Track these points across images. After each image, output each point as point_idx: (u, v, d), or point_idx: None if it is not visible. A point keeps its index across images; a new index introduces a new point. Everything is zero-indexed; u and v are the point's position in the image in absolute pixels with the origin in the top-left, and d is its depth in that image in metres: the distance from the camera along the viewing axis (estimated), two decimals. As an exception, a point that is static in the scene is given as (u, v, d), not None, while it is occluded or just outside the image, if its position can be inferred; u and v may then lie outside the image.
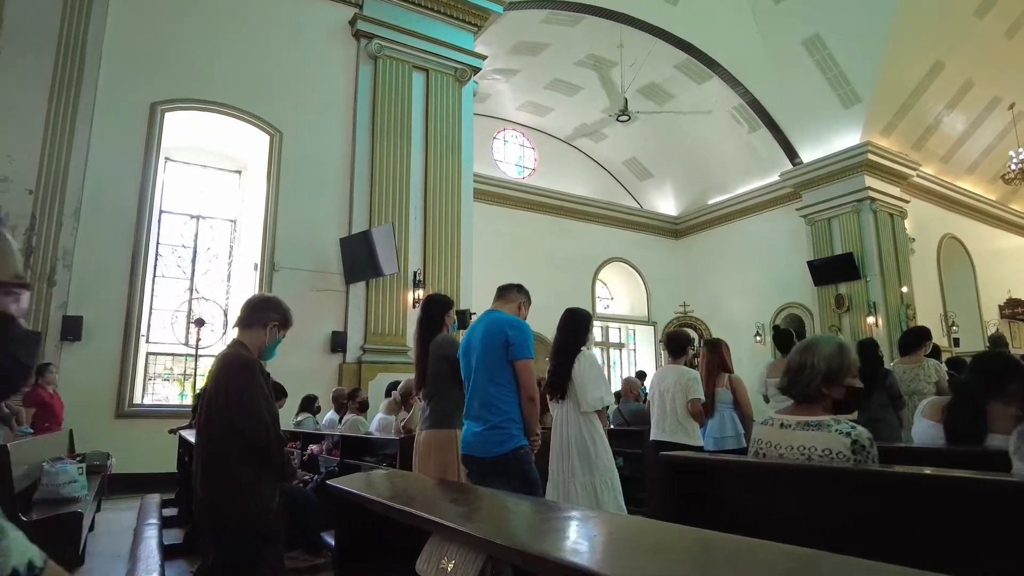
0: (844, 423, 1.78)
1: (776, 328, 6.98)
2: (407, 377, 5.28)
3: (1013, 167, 14.20)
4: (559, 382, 3.59)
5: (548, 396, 3.64)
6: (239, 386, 2.42)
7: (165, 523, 4.71)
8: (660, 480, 1.93)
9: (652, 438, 4.33)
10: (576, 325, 3.73)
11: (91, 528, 4.94)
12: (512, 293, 3.32)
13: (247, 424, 2.38)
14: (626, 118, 13.81)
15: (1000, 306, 16.47)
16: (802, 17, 12.44)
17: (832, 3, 12.01)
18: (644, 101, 15.20)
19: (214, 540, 2.53)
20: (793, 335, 5.02)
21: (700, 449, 4.08)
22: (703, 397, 4.18)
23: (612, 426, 5.90)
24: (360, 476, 2.04)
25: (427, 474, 3.26)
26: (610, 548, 1.12)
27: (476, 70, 10.54)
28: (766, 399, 4.90)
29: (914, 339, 5.08)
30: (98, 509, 5.41)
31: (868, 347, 4.79)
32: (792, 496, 1.75)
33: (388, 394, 5.32)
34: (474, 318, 9.16)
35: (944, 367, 5.00)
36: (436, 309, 3.61)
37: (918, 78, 13.01)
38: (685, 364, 4.29)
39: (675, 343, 4.42)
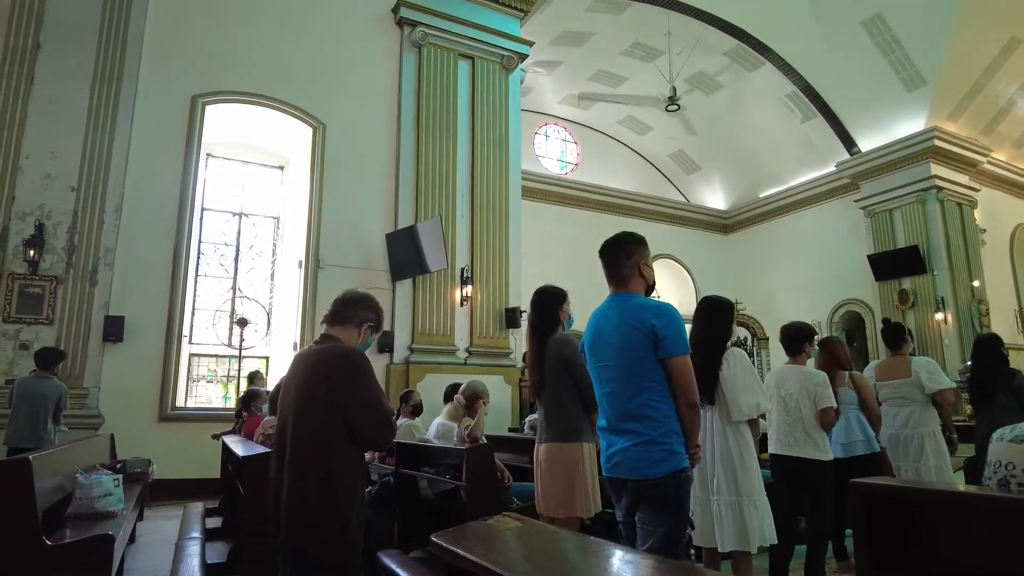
0: None
1: (886, 321, 6.39)
2: (466, 379, 4.89)
3: (1094, 151, 13.24)
4: (705, 383, 3.00)
5: None
6: (359, 386, 2.16)
7: (208, 535, 4.40)
8: (856, 519, 1.47)
9: (773, 451, 3.74)
10: (717, 315, 3.21)
11: (132, 540, 4.66)
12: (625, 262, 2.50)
13: (376, 430, 2.17)
14: (675, 108, 13.26)
15: (1079, 301, 15.39)
16: (862, -4, 11.73)
17: (896, -21, 11.29)
18: (692, 91, 14.61)
19: (292, 566, 2.19)
20: (905, 329, 4.46)
21: (833, 463, 3.55)
22: (836, 404, 3.61)
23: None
24: (475, 529, 1.58)
25: (552, 493, 2.85)
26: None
27: (523, 57, 10.14)
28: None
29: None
30: (140, 518, 5.14)
31: (990, 343, 4.21)
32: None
33: (448, 398, 4.94)
34: (524, 316, 8.79)
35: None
36: (549, 303, 3.15)
37: (991, 56, 12.15)
38: (805, 362, 3.74)
39: (792, 338, 3.78)
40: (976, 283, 12.58)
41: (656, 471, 2.24)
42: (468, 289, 8.84)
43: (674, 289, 16.94)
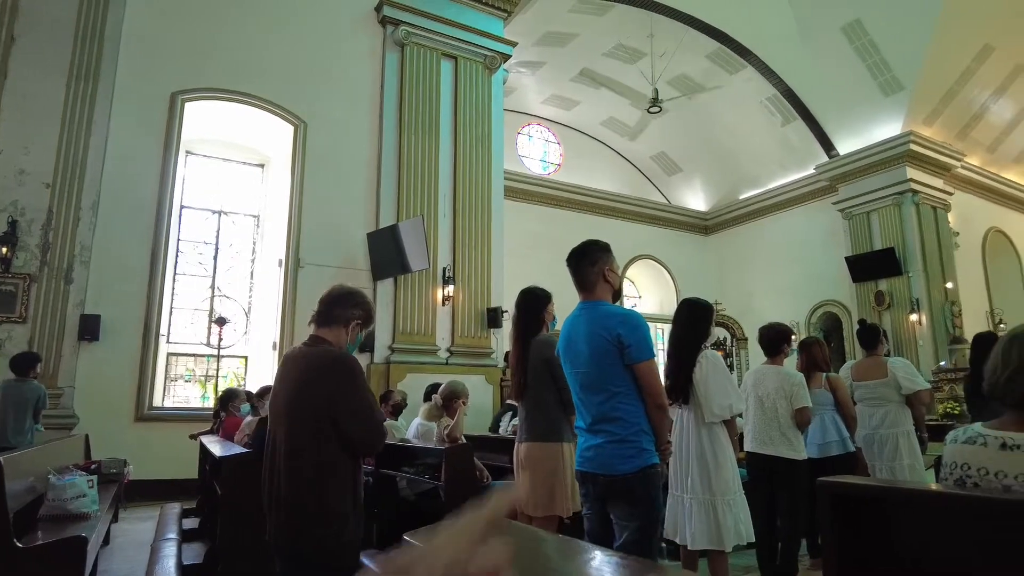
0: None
1: (862, 322, 6.49)
2: (448, 379, 4.89)
3: (1064, 157, 13.55)
4: (679, 384, 3.13)
5: (668, 401, 3.21)
6: (351, 392, 2.15)
7: (185, 536, 4.36)
8: (823, 517, 1.49)
9: (749, 450, 3.82)
10: (697, 318, 3.29)
11: (106, 542, 4.60)
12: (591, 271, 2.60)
13: (367, 436, 2.17)
14: (657, 109, 13.35)
15: (1048, 303, 15.73)
16: (841, 2, 11.89)
17: (875, -14, 11.46)
18: (674, 93, 14.71)
19: (287, 566, 2.19)
20: (881, 331, 4.53)
21: (806, 462, 3.61)
22: (811, 404, 3.68)
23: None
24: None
25: (533, 492, 2.88)
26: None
27: (506, 57, 10.14)
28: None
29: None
30: (114, 520, 5.07)
31: (990, 342, 4.26)
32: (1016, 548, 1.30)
33: (428, 398, 4.93)
34: (506, 316, 8.79)
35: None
36: (535, 304, 3.17)
37: (965, 63, 12.39)
38: (782, 362, 3.80)
39: (771, 339, 3.85)
40: (949, 285, 12.82)
41: (626, 467, 2.37)
42: (450, 289, 8.83)
43: (655, 290, 17.07)
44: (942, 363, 11.62)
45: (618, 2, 12.70)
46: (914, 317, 12.54)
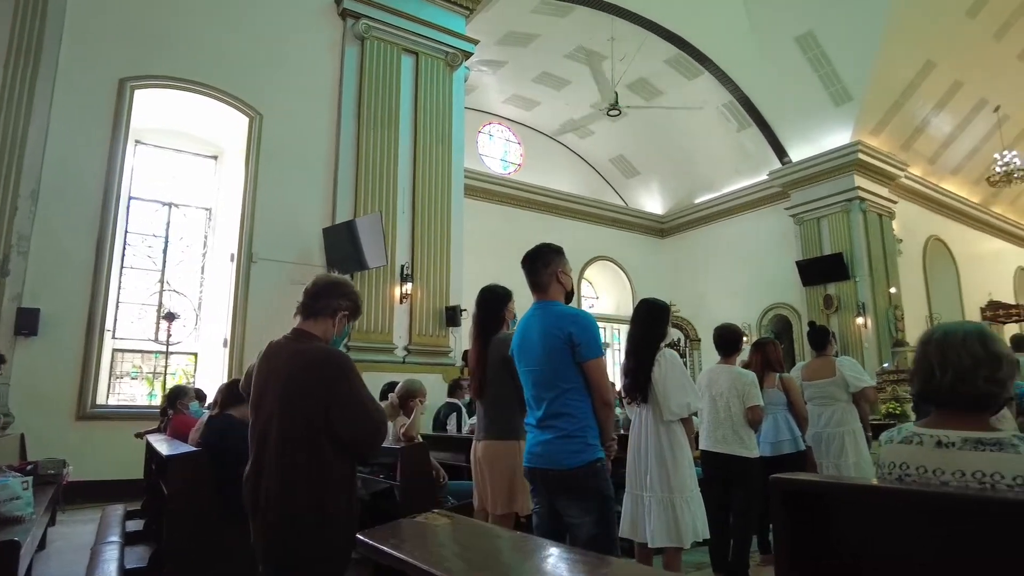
0: (1036, 441, 1.37)
1: (812, 324, 6.67)
2: (402, 378, 4.84)
3: (998, 170, 14.21)
4: (639, 383, 3.19)
5: (626, 399, 3.25)
6: (344, 392, 2.08)
7: (128, 539, 4.19)
8: (775, 512, 1.52)
9: (703, 448, 3.90)
10: (655, 318, 3.34)
11: (42, 547, 4.40)
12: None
13: (363, 438, 2.10)
14: (616, 112, 13.47)
15: (982, 308, 16.49)
16: (795, 13, 12.23)
17: (826, -1, 11.81)
18: (633, 97, 14.89)
19: (271, 563, 2.10)
20: (830, 332, 4.68)
21: (759, 460, 3.69)
22: (763, 403, 3.77)
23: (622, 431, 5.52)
24: (404, 527, 1.54)
25: (492, 490, 2.90)
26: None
27: (468, 55, 10.10)
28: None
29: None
30: (51, 523, 4.86)
31: None
32: (952, 539, 1.34)
33: (383, 397, 4.86)
34: (465, 315, 8.75)
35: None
36: (494, 302, 3.18)
37: (909, 77, 12.89)
38: (735, 362, 3.89)
39: (726, 340, 3.95)
40: (893, 290, 13.30)
41: (573, 461, 2.44)
42: (408, 286, 8.74)
43: (612, 291, 17.26)
44: (885, 364, 12.05)
45: (580, 4, 12.78)
46: (860, 320, 12.98)
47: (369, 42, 9.10)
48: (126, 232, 8.36)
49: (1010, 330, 14.98)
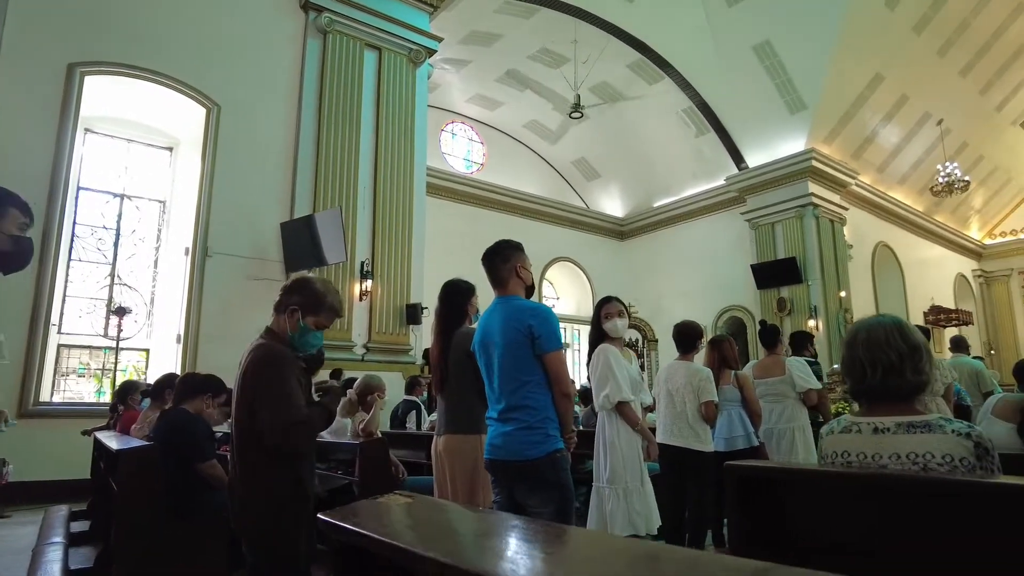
0: (958, 422, 1.48)
1: (763, 323, 6.84)
2: (361, 374, 4.80)
3: (941, 180, 14.85)
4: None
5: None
6: (261, 386, 2.21)
7: (73, 540, 4.05)
8: (730, 498, 1.58)
9: (659, 441, 3.94)
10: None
11: (-18, 547, 4.21)
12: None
13: (275, 434, 2.15)
14: (579, 115, 13.60)
15: (924, 312, 17.18)
16: (754, 22, 12.53)
17: (782, 10, 12.12)
18: (595, 100, 15.05)
19: (252, 560, 2.32)
20: (779, 331, 4.82)
21: (713, 455, 3.79)
22: (717, 399, 3.88)
23: (582, 427, 5.59)
24: (364, 507, 1.55)
25: (452, 484, 2.91)
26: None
27: (431, 52, 10.07)
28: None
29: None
30: (-8, 523, 4.66)
31: None
32: (898, 517, 1.42)
33: (342, 393, 4.80)
34: (426, 313, 8.71)
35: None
36: (457, 296, 3.17)
37: (859, 89, 13.34)
38: (693, 359, 3.98)
39: (685, 336, 4.04)
40: (843, 293, 13.74)
41: (534, 452, 2.47)
42: (368, 284, 8.67)
43: (572, 292, 17.40)
44: (835, 366, 12.43)
45: (543, 6, 12.85)
46: (812, 323, 13.36)
47: (332, 36, 8.99)
48: (74, 223, 8.08)
49: (950, 333, 15.65)
